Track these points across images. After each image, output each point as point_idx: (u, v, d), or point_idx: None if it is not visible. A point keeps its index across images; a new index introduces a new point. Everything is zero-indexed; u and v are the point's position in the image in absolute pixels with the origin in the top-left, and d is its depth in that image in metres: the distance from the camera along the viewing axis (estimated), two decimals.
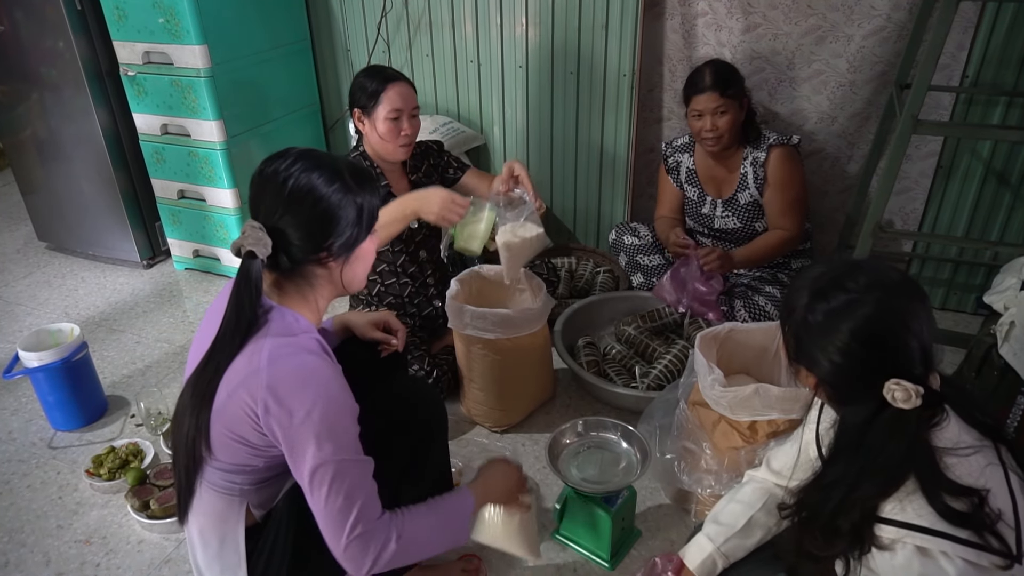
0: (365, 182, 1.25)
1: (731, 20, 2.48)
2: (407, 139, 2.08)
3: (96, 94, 2.80)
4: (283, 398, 1.13)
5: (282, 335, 1.18)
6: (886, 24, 2.31)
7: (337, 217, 1.20)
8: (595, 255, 2.88)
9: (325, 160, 1.22)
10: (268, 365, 1.14)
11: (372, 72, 2.09)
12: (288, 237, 1.19)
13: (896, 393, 0.98)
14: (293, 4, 2.97)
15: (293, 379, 1.14)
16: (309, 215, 1.19)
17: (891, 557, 1.00)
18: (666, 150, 2.52)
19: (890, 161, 1.96)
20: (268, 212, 1.19)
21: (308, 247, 1.21)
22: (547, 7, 2.63)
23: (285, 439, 1.14)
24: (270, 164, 1.22)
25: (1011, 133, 2.17)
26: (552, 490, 1.89)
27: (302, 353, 1.17)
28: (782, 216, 2.32)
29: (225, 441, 1.20)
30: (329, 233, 1.21)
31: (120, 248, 3.13)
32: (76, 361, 2.12)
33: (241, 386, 1.15)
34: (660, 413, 1.84)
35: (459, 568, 1.65)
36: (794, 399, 1.59)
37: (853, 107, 2.47)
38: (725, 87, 2.20)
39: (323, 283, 1.27)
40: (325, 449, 1.12)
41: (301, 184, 1.18)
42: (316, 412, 1.13)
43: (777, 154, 2.29)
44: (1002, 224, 2.47)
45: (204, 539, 1.29)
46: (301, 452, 1.13)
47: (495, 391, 2.04)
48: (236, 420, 1.17)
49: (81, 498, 1.94)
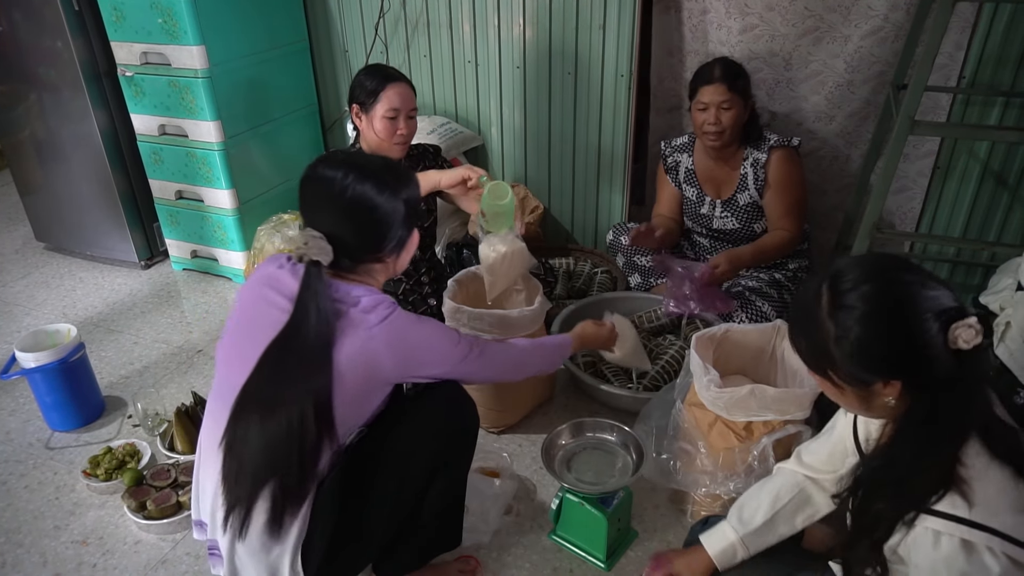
0: (405, 179, 1.38)
1: (729, 20, 2.48)
2: (402, 139, 2.10)
3: (94, 95, 2.80)
4: (413, 358, 1.34)
5: (372, 306, 1.31)
6: (883, 24, 2.31)
7: (390, 222, 1.34)
8: (593, 255, 2.88)
9: (370, 167, 1.33)
10: (380, 328, 1.29)
11: (373, 70, 2.11)
12: (347, 243, 1.32)
13: (961, 333, 0.96)
14: (291, 5, 2.98)
15: (408, 335, 1.33)
16: (366, 223, 1.32)
17: (934, 549, 0.99)
18: (665, 149, 2.52)
19: (887, 162, 1.96)
20: (326, 221, 1.31)
21: (367, 249, 1.35)
22: (544, 8, 2.63)
23: (438, 368, 1.40)
24: (320, 171, 1.33)
25: (1008, 134, 2.18)
26: (548, 491, 1.89)
27: (398, 315, 1.32)
28: (784, 218, 2.32)
29: (348, 420, 1.32)
30: (384, 236, 1.35)
31: (118, 249, 3.13)
32: (73, 362, 2.12)
33: (357, 361, 1.27)
34: (657, 414, 1.84)
35: (456, 569, 1.65)
36: (789, 400, 1.59)
37: (851, 106, 2.47)
38: (733, 80, 2.21)
39: (379, 271, 1.40)
40: (457, 347, 1.40)
41: (356, 195, 1.30)
42: (434, 343, 1.37)
43: (778, 156, 2.29)
44: (999, 225, 2.47)
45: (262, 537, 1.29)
46: (449, 364, 1.40)
47: (492, 391, 2.04)
48: (359, 394, 1.32)
49: (78, 499, 1.94)
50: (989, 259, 2.51)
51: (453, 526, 1.60)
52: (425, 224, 2.25)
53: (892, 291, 1.01)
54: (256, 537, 1.28)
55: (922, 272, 1.03)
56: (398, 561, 1.54)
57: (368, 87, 2.07)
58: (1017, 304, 1.72)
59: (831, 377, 1.06)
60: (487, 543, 1.74)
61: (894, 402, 1.03)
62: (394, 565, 1.55)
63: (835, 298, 1.03)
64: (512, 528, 1.79)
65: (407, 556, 1.54)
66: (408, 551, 1.53)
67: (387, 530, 1.43)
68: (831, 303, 1.03)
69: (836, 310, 1.02)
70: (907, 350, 0.99)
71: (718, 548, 1.38)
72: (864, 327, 1.00)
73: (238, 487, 1.26)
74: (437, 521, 1.52)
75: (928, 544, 1.00)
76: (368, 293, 1.33)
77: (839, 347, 1.02)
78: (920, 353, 0.98)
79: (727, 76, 2.21)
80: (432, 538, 1.56)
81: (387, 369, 1.32)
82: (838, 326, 1.02)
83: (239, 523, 1.26)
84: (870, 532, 1.07)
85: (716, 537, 1.40)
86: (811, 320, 1.05)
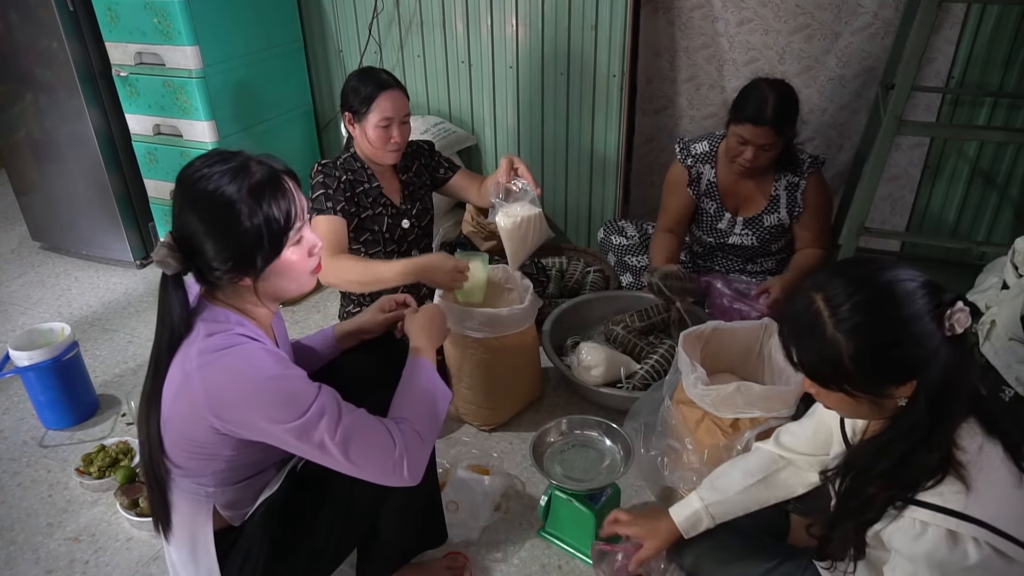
0: (272, 193, 1.16)
1: (726, 13, 2.52)
2: (397, 146, 2.07)
3: (89, 95, 2.81)
4: (228, 412, 1.14)
5: (207, 336, 1.17)
6: (873, 21, 2.33)
7: (245, 232, 1.14)
8: (586, 255, 2.89)
9: (241, 169, 1.16)
10: (198, 371, 1.14)
11: (364, 76, 2.07)
12: (201, 255, 1.16)
13: (957, 319, 0.98)
14: (285, 5, 2.99)
15: (227, 386, 1.14)
16: (218, 226, 1.14)
17: (919, 539, 1.01)
18: (684, 157, 2.32)
19: (875, 161, 1.97)
20: (182, 224, 1.17)
21: (216, 267, 1.17)
22: (537, 8, 2.65)
23: (258, 438, 1.17)
24: (187, 169, 1.18)
25: (995, 134, 2.19)
26: (537, 488, 1.91)
27: (224, 351, 1.15)
28: (820, 237, 2.26)
29: (178, 447, 1.21)
30: (230, 255, 1.16)
31: (113, 248, 3.14)
32: (67, 360, 2.14)
33: (179, 395, 1.16)
34: (646, 411, 1.85)
35: (444, 566, 1.66)
36: (775, 397, 1.60)
37: (842, 99, 2.50)
38: (783, 126, 2.04)
39: (248, 295, 1.23)
40: (296, 422, 1.13)
41: (210, 191, 1.13)
42: (263, 407, 1.13)
43: (815, 180, 2.21)
44: (989, 224, 2.49)
45: (177, 542, 1.30)
46: (281, 440, 1.15)
47: (483, 390, 2.06)
48: (183, 425, 1.18)
49: (71, 496, 1.96)
50: (978, 258, 2.52)
51: (435, 525, 1.61)
52: (422, 223, 2.25)
53: (887, 294, 1.01)
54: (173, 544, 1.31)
55: (904, 267, 1.05)
56: (380, 563, 1.52)
57: (360, 95, 2.02)
58: (1001, 303, 1.73)
59: (846, 390, 1.05)
60: (476, 540, 1.75)
61: (905, 401, 1.04)
62: (376, 567, 1.52)
63: (834, 312, 1.02)
64: (501, 525, 1.80)
65: (389, 557, 1.53)
66: (388, 553, 1.51)
67: (340, 548, 1.39)
68: (832, 317, 1.02)
69: (840, 323, 1.01)
70: (915, 350, 1.00)
71: (683, 515, 1.41)
72: (869, 334, 1.00)
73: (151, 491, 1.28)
74: (407, 530, 1.51)
75: (914, 534, 1.01)
76: (221, 319, 1.19)
77: (853, 359, 1.01)
78: (925, 349, 0.99)
79: (778, 121, 2.01)
80: (414, 538, 1.57)
81: (205, 412, 1.15)
82: (848, 339, 1.01)
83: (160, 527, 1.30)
84: (858, 515, 1.08)
85: (683, 505, 1.42)
86: (817, 338, 1.04)
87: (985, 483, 1.00)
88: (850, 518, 1.10)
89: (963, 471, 1.00)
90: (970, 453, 1.01)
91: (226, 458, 1.23)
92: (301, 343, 1.60)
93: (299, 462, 1.36)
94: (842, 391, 1.06)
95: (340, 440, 1.15)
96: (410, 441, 1.20)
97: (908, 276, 1.02)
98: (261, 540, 1.29)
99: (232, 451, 1.22)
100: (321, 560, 1.36)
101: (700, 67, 2.65)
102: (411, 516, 1.48)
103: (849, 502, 1.11)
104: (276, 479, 1.32)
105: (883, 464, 1.06)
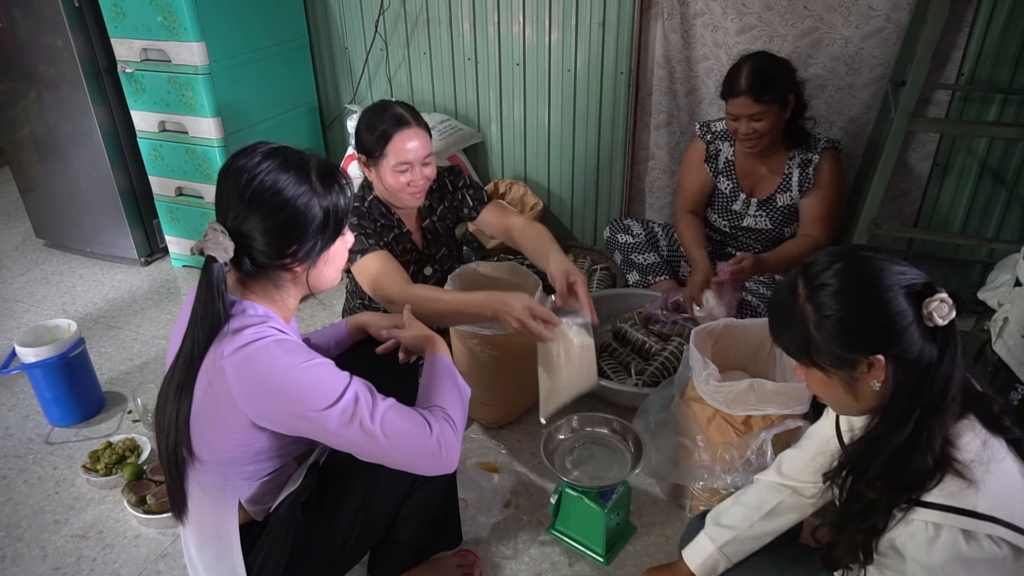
0: (334, 183, 1.20)
1: (726, 21, 2.46)
2: (419, 187, 1.88)
3: (94, 91, 2.80)
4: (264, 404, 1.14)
5: (239, 330, 1.15)
6: (885, 25, 2.29)
7: (303, 223, 1.16)
8: (592, 252, 2.89)
9: (293, 160, 1.17)
10: (233, 365, 1.13)
11: (379, 114, 1.85)
12: (251, 241, 1.16)
13: (935, 308, 0.98)
14: (291, 2, 2.98)
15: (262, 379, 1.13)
16: (273, 220, 1.14)
17: (934, 542, 0.99)
18: (704, 133, 2.36)
19: (885, 157, 1.96)
20: (231, 214, 1.15)
21: (272, 253, 1.17)
22: (544, 5, 2.64)
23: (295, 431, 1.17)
24: (236, 160, 1.17)
25: (1006, 130, 2.18)
26: (547, 486, 1.90)
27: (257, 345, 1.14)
28: (817, 221, 2.23)
29: (207, 440, 1.19)
30: (294, 240, 1.17)
31: (118, 245, 3.14)
32: (73, 357, 2.13)
33: (212, 388, 1.15)
34: (656, 409, 1.84)
35: (455, 563, 1.65)
36: (789, 393, 1.59)
37: (851, 111, 2.45)
38: (761, 92, 2.05)
39: (288, 285, 1.24)
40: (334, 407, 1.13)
41: (266, 186, 1.13)
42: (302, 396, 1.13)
43: (830, 157, 2.19)
44: (998, 221, 2.48)
45: (200, 538, 1.29)
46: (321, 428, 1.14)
47: (491, 387, 2.05)
48: (215, 417, 1.17)
49: (78, 493, 1.95)
50: (987, 255, 2.51)
51: (451, 527, 1.60)
52: (444, 268, 2.15)
53: (862, 266, 1.04)
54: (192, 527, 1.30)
55: (890, 252, 1.06)
56: (392, 562, 1.52)
57: (375, 134, 1.82)
58: (1014, 300, 1.72)
59: (818, 364, 1.08)
60: (486, 537, 1.74)
61: (879, 385, 1.04)
62: (388, 565, 1.52)
63: (809, 282, 1.06)
64: (511, 522, 1.79)
65: (402, 557, 1.53)
66: (402, 552, 1.50)
67: (357, 548, 1.38)
68: (807, 288, 1.06)
69: (813, 292, 1.05)
70: (882, 321, 1.00)
71: (698, 561, 1.41)
72: (839, 301, 1.03)
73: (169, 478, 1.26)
74: (423, 529, 1.49)
75: (928, 538, 1.00)
76: (251, 313, 1.18)
77: (819, 328, 1.04)
78: (894, 323, 1.00)
79: (754, 87, 2.04)
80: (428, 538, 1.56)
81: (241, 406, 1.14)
82: (816, 307, 1.05)
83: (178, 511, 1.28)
84: (862, 521, 1.08)
85: (696, 550, 1.42)
86: (790, 311, 1.08)
87: (993, 479, 0.99)
88: (855, 524, 1.09)
89: (963, 469, 0.99)
90: (972, 450, 1.00)
91: (256, 451, 1.22)
92: (312, 340, 1.59)
93: (320, 456, 1.36)
94: (815, 366, 1.08)
95: (379, 423, 1.15)
96: (444, 426, 1.21)
97: (889, 259, 1.03)
98: (285, 534, 1.28)
99: (265, 444, 1.21)
100: (340, 556, 1.36)
101: (701, 80, 2.61)
102: (429, 514, 1.47)
103: (851, 507, 1.10)
104: (298, 473, 1.31)
105: (878, 463, 1.05)
